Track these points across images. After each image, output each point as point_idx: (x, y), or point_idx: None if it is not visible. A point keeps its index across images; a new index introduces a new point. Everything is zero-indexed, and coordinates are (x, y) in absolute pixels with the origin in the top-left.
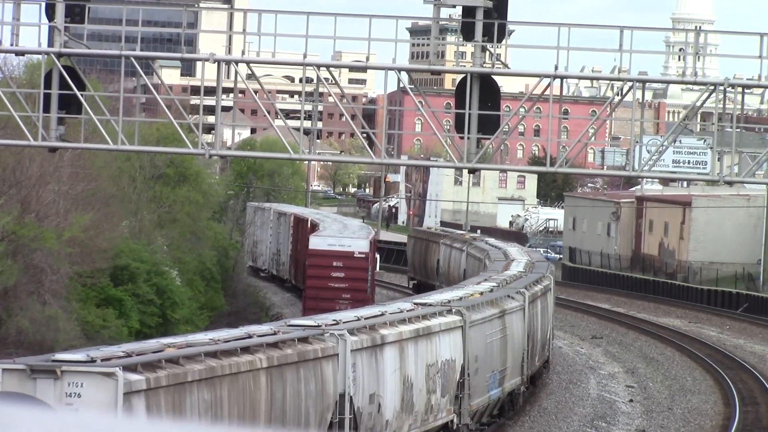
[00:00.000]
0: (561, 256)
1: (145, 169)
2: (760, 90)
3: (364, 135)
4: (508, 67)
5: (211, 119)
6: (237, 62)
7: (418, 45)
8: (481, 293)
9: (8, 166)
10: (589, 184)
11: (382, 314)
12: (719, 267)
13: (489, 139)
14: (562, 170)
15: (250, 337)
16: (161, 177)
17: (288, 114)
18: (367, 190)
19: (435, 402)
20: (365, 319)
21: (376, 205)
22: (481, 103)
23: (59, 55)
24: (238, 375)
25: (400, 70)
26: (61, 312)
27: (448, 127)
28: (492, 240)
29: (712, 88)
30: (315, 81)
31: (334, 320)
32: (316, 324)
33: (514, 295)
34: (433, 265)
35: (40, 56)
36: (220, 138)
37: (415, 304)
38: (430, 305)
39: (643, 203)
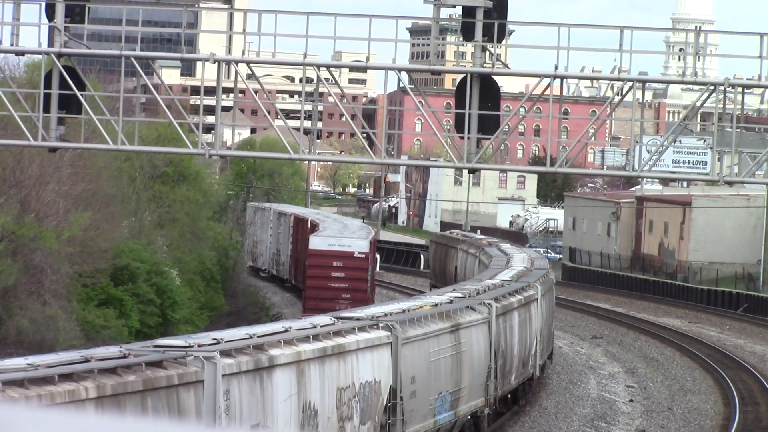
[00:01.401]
0: (561, 256)
1: (145, 169)
2: (760, 90)
3: (364, 135)
4: (508, 67)
5: (211, 119)
6: (237, 62)
7: (418, 45)
8: (436, 305)
9: (8, 166)
10: (589, 184)
11: (285, 331)
12: (719, 267)
13: (489, 139)
14: (562, 170)
15: (87, 360)
16: (161, 177)
17: (288, 114)
18: (367, 191)
19: (351, 430)
20: (258, 337)
21: (376, 205)
22: (481, 103)
23: (59, 55)
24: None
25: (400, 70)
26: (61, 312)
27: (448, 127)
28: (506, 246)
29: (712, 88)
30: (315, 81)
31: (214, 339)
32: (187, 344)
33: (477, 306)
34: (451, 271)
35: (40, 56)
36: (220, 138)
37: (336, 318)
38: (357, 319)
39: (643, 203)
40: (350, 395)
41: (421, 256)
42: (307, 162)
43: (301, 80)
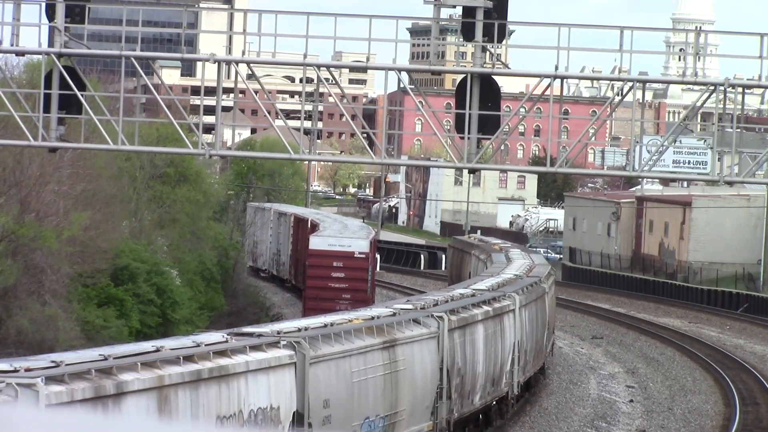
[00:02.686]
0: (561, 256)
1: (145, 169)
2: (761, 90)
3: (365, 135)
4: (509, 68)
5: (211, 119)
6: (237, 62)
7: (419, 45)
8: (374, 317)
9: (8, 166)
10: (589, 185)
11: (156, 350)
12: (719, 267)
13: (489, 139)
14: (562, 170)
15: None
16: (161, 177)
17: (288, 114)
18: (367, 191)
19: None
20: (114, 358)
21: (376, 205)
22: (482, 103)
23: (59, 55)
24: None
25: (400, 70)
26: (61, 312)
27: (449, 127)
28: (515, 251)
29: (712, 88)
30: (315, 81)
31: (52, 362)
32: (12, 368)
33: (425, 320)
34: (466, 276)
35: (40, 56)
36: (220, 138)
37: (233, 334)
38: (258, 335)
39: (643, 203)
40: (236, 424)
41: (421, 256)
42: (307, 162)
43: (301, 80)
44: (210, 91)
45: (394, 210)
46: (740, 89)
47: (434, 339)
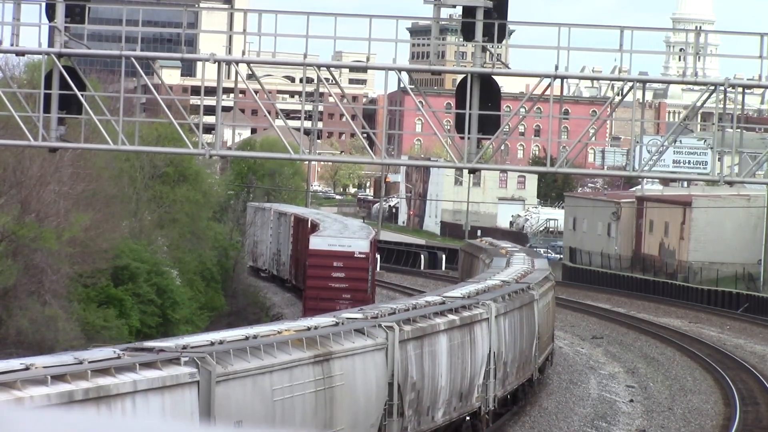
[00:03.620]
0: (561, 256)
1: (145, 169)
2: (761, 90)
3: (365, 135)
4: (509, 67)
5: (211, 119)
6: (237, 62)
7: (419, 45)
8: (311, 328)
9: (9, 167)
10: (589, 184)
11: (25, 368)
12: (719, 267)
13: (489, 139)
14: (562, 170)
15: None
16: (161, 177)
17: (288, 114)
18: (367, 191)
19: None
20: None
21: (376, 205)
22: (482, 103)
23: (59, 55)
24: None
25: (400, 70)
26: (62, 312)
27: (449, 127)
28: (518, 256)
29: (712, 88)
30: (315, 81)
31: None
32: None
33: (371, 330)
34: None
35: (40, 56)
36: (220, 138)
37: (132, 349)
38: (159, 350)
39: (644, 203)
40: None
41: (421, 257)
42: (307, 162)
43: (301, 80)
44: (210, 91)
45: (394, 210)
46: (740, 89)
47: (382, 351)
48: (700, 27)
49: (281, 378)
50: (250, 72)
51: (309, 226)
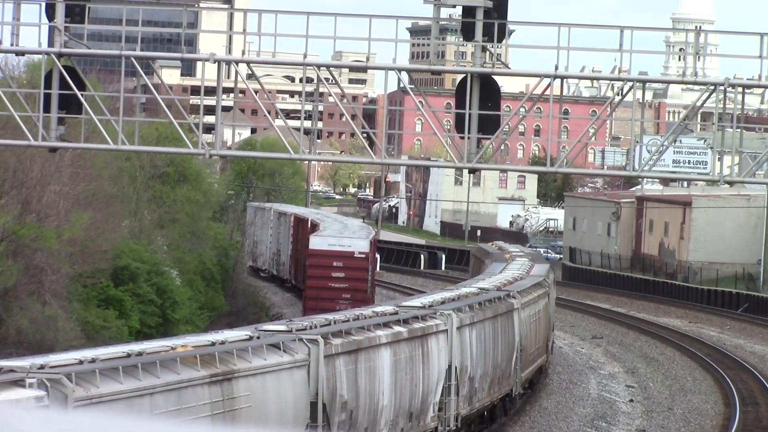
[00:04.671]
0: (561, 256)
1: (145, 169)
2: (761, 90)
3: (365, 135)
4: (509, 67)
5: (211, 119)
6: (237, 62)
7: (419, 45)
8: (213, 343)
9: (9, 167)
10: (589, 184)
11: None
12: (719, 267)
13: (489, 139)
14: (562, 170)
15: None
16: (161, 177)
17: (288, 114)
18: (367, 191)
19: None
20: None
21: (376, 205)
22: (482, 103)
23: (59, 55)
24: None
25: (400, 70)
26: (61, 312)
27: (449, 127)
28: (518, 262)
29: (712, 88)
30: (315, 81)
31: None
32: None
33: (291, 345)
34: None
35: (40, 56)
36: (220, 138)
37: None
38: (9, 370)
39: (643, 203)
40: None
41: (421, 256)
42: (307, 162)
43: (301, 80)
44: (210, 91)
45: (394, 210)
46: (740, 89)
47: (302, 368)
48: (700, 27)
49: (166, 400)
50: (250, 72)
51: (309, 226)
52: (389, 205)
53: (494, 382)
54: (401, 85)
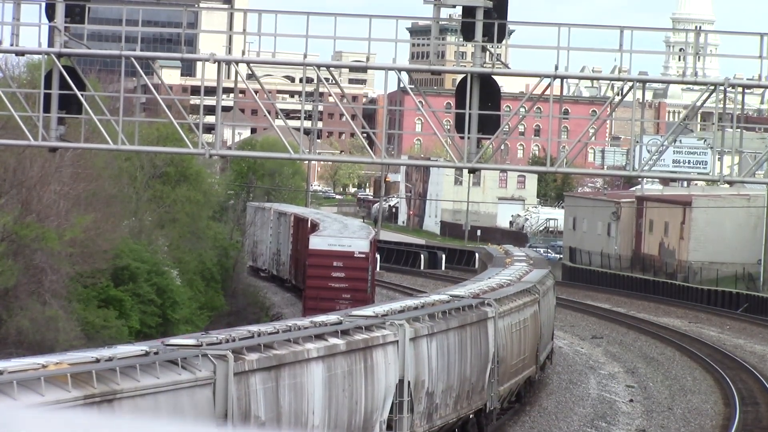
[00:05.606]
0: (561, 256)
1: (146, 169)
2: (761, 90)
3: (364, 135)
4: (509, 67)
5: (211, 119)
6: (237, 62)
7: (418, 45)
8: (98, 359)
9: (10, 167)
10: (589, 184)
11: None
12: (719, 267)
13: (489, 139)
14: (562, 170)
15: None
16: (161, 177)
17: (288, 114)
18: (367, 191)
19: None
20: None
21: (376, 205)
22: (482, 103)
23: (59, 55)
24: None
25: (400, 70)
26: (62, 312)
27: (449, 127)
28: (514, 267)
29: (712, 88)
30: (315, 81)
31: None
32: None
33: (194, 362)
34: None
35: (40, 56)
36: (220, 138)
37: None
38: None
39: (643, 203)
40: None
41: (421, 256)
42: (307, 162)
43: (301, 80)
44: (210, 91)
45: (394, 210)
46: (740, 89)
47: (207, 387)
48: (700, 27)
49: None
50: (250, 72)
51: (309, 225)
52: (389, 205)
53: (462, 397)
54: (401, 85)
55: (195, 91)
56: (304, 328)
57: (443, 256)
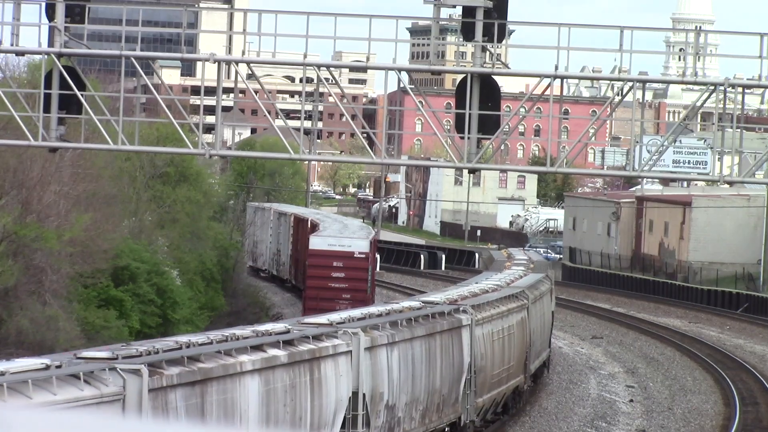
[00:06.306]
0: (561, 256)
1: (146, 169)
2: (761, 90)
3: (365, 135)
4: (509, 67)
5: (211, 119)
6: (237, 62)
7: (419, 45)
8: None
9: (10, 167)
10: (589, 184)
11: None
12: (719, 267)
13: (489, 139)
14: (562, 170)
15: None
16: (161, 177)
17: (288, 114)
18: (367, 191)
19: None
20: None
21: (376, 205)
22: (482, 103)
23: (59, 55)
24: None
25: (400, 70)
26: (62, 312)
27: (449, 127)
28: (510, 272)
29: (712, 88)
30: (315, 81)
31: None
32: None
33: (99, 376)
34: None
35: (40, 56)
36: (220, 138)
37: None
38: None
39: (643, 203)
40: None
41: (421, 256)
42: (307, 162)
43: (301, 80)
44: (210, 91)
45: (394, 210)
46: (740, 89)
47: (116, 404)
48: (700, 27)
49: None
50: (250, 72)
51: (309, 226)
52: (389, 205)
53: (431, 410)
54: (401, 85)
55: (195, 91)
56: (243, 338)
57: (443, 256)
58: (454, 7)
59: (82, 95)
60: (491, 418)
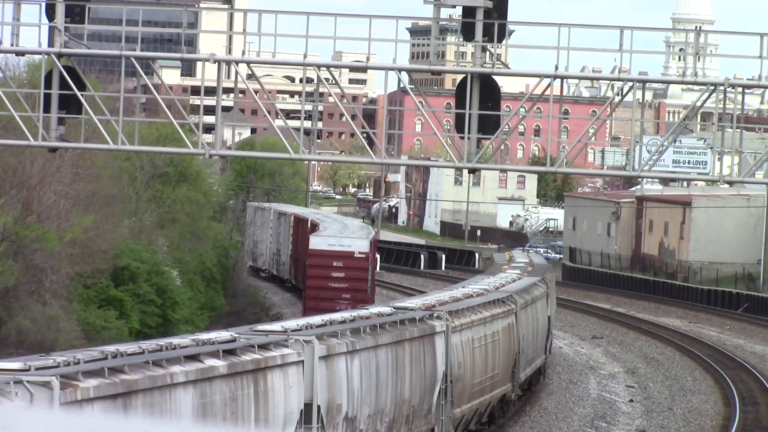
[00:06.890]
0: (561, 256)
1: (146, 169)
2: (761, 90)
3: (365, 135)
4: (509, 67)
5: (211, 119)
6: (237, 62)
7: (419, 45)
8: None
9: (10, 167)
10: (589, 184)
11: None
12: (719, 267)
13: (489, 139)
14: (562, 170)
15: None
16: (161, 177)
17: (288, 114)
18: (367, 191)
19: None
20: None
21: (376, 205)
22: (482, 103)
23: (59, 55)
24: None
25: (400, 70)
26: (62, 312)
27: (449, 127)
28: (504, 275)
29: (712, 88)
30: (315, 81)
31: None
32: None
33: (3, 389)
34: None
35: (40, 56)
36: (220, 138)
37: None
38: None
39: (643, 203)
40: None
41: (421, 256)
42: (307, 162)
43: (301, 80)
44: (210, 91)
45: (394, 210)
46: (740, 89)
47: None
48: (700, 27)
49: None
50: (250, 72)
51: (309, 225)
52: (389, 205)
53: (398, 422)
54: (401, 85)
55: (195, 91)
56: (180, 348)
57: (443, 256)
58: (454, 7)
59: (82, 95)
60: (475, 428)
